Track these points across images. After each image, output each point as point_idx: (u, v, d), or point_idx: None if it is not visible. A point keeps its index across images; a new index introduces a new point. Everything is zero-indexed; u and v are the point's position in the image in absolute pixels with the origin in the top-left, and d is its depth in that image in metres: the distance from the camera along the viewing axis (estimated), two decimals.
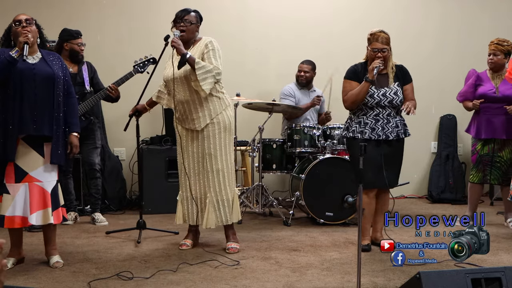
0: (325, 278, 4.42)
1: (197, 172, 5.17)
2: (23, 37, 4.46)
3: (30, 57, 4.57)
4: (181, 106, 5.12)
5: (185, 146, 5.20)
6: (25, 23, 4.56)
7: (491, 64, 6.30)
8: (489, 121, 6.25)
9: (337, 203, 6.28)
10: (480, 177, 6.35)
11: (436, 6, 8.51)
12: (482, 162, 6.30)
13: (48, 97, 4.58)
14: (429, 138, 8.58)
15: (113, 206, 7.28)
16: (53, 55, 4.78)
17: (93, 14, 7.73)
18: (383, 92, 5.16)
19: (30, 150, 4.56)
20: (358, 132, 5.20)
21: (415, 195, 8.49)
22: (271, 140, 6.96)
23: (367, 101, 5.16)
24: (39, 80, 4.56)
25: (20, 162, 4.52)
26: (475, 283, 3.42)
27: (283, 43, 8.15)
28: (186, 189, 5.23)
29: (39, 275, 4.46)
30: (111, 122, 7.68)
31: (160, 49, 5.17)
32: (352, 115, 5.33)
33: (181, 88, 5.08)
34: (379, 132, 5.17)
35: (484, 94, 6.27)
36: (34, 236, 5.63)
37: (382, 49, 5.14)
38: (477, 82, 6.36)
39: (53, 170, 4.66)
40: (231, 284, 4.25)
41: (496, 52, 6.24)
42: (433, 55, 8.44)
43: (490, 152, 6.26)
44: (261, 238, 5.74)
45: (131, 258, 4.97)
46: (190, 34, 5.09)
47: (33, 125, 4.52)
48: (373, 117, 5.20)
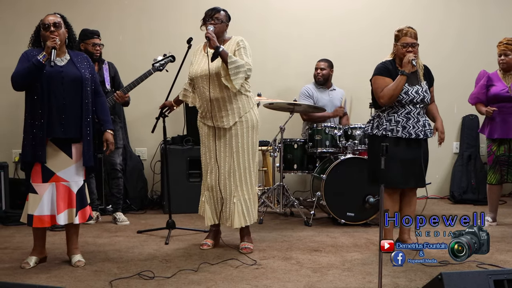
0: (346, 278, 4.40)
1: (223, 171, 5.14)
2: (51, 42, 4.44)
3: (58, 59, 4.56)
4: (209, 104, 5.08)
5: (211, 145, 5.17)
6: (53, 27, 4.54)
7: (503, 64, 6.27)
8: (504, 120, 6.21)
9: (358, 203, 6.26)
10: (498, 178, 6.31)
11: (457, 5, 8.46)
12: (499, 162, 6.26)
13: (77, 99, 4.59)
14: (451, 138, 8.52)
15: (135, 206, 7.31)
16: (81, 56, 4.78)
17: (115, 14, 7.76)
18: (416, 89, 5.11)
19: (58, 151, 4.59)
20: (389, 130, 5.12)
21: (437, 196, 8.43)
22: (292, 140, 6.95)
23: (401, 98, 5.09)
24: (67, 83, 4.56)
25: (48, 162, 4.56)
26: (498, 284, 3.39)
27: (303, 42, 8.13)
28: (216, 188, 5.17)
29: (61, 274, 4.49)
30: (133, 122, 7.71)
31: (180, 49, 5.18)
32: (381, 113, 5.23)
33: (210, 85, 5.05)
34: (411, 131, 5.10)
35: (497, 94, 6.23)
36: (56, 235, 5.67)
37: (412, 43, 5.12)
38: (488, 83, 6.34)
39: (80, 170, 4.69)
40: (252, 284, 4.25)
41: (507, 52, 6.22)
42: (454, 54, 8.38)
43: (506, 152, 6.22)
44: (282, 238, 5.73)
45: (152, 258, 4.99)
46: (220, 32, 5.08)
47: (61, 128, 4.54)
48: (405, 115, 5.13)
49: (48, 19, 4.58)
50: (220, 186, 5.14)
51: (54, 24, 4.55)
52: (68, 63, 4.64)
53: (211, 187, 5.22)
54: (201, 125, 5.28)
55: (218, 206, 5.22)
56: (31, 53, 4.56)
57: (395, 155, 4.95)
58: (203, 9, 5.16)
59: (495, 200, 6.41)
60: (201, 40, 5.13)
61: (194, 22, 7.46)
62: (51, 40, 4.45)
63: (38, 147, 4.51)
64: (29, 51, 4.63)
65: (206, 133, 5.22)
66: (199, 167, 6.90)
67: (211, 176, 5.20)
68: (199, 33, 5.20)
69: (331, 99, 7.48)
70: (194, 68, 5.16)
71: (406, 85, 5.09)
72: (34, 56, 4.48)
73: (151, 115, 6.31)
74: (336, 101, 7.49)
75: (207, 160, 5.25)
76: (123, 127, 7.27)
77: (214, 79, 5.02)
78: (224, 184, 5.14)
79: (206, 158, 5.25)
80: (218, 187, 5.15)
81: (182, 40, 5.67)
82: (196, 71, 5.12)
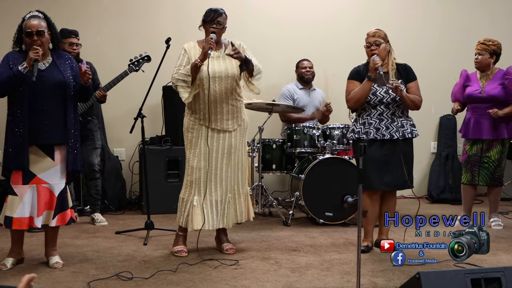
0: (324, 278, 4.42)
1: (220, 173, 5.06)
2: (33, 54, 4.35)
3: (40, 63, 4.47)
4: (216, 106, 5.01)
5: (208, 147, 5.02)
6: (37, 36, 4.45)
7: (476, 64, 6.34)
8: (477, 121, 6.26)
9: (337, 203, 6.27)
10: (469, 178, 6.33)
11: (435, 7, 8.51)
12: (471, 162, 6.30)
13: (60, 103, 4.54)
14: (429, 138, 8.58)
15: (113, 206, 7.26)
16: (63, 57, 4.70)
17: (93, 14, 7.72)
18: (386, 89, 5.13)
19: (40, 153, 4.54)
20: (363, 133, 5.17)
21: (415, 195, 8.45)
22: (271, 140, 6.97)
23: (370, 99, 5.13)
24: (49, 88, 4.49)
25: (30, 164, 4.50)
26: (475, 283, 3.41)
27: (283, 43, 8.14)
28: (211, 190, 5.03)
29: (38, 276, 4.43)
30: (111, 122, 7.68)
31: (159, 49, 5.16)
32: (357, 116, 5.30)
33: (217, 88, 5.00)
34: (384, 132, 5.13)
35: (471, 94, 6.29)
36: (34, 236, 5.63)
37: (374, 42, 5.15)
38: (465, 82, 6.40)
39: (62, 173, 4.63)
40: (230, 284, 4.25)
41: (482, 51, 6.27)
42: (432, 56, 8.42)
43: (478, 152, 6.27)
44: (261, 239, 5.74)
45: (130, 259, 4.97)
46: (220, 36, 5.08)
47: (44, 134, 4.49)
48: (377, 117, 5.16)
49: (31, 25, 4.47)
50: (218, 190, 5.06)
51: (38, 32, 4.46)
52: (51, 66, 4.57)
53: (205, 189, 5.02)
54: (196, 127, 5.07)
55: (213, 209, 5.06)
56: (13, 56, 4.49)
57: (371, 156, 4.97)
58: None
59: (469, 200, 6.43)
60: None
61: (172, 22, 7.48)
62: (33, 52, 4.36)
63: (20, 156, 4.45)
64: (10, 54, 4.56)
65: (204, 135, 5.03)
66: (177, 167, 6.91)
67: (205, 177, 5.02)
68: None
69: (311, 100, 7.52)
70: (204, 69, 4.94)
71: (375, 86, 5.13)
72: (15, 61, 4.42)
73: (129, 115, 6.30)
74: (316, 102, 7.53)
75: (201, 162, 5.03)
76: (101, 128, 7.23)
77: (222, 81, 5.00)
78: (221, 187, 5.07)
79: (200, 160, 5.04)
80: (216, 188, 5.06)
81: (161, 40, 5.66)
82: (205, 73, 4.93)
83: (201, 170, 5.04)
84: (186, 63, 4.98)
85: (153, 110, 6.19)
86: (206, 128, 5.04)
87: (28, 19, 4.52)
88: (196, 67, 4.87)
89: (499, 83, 6.23)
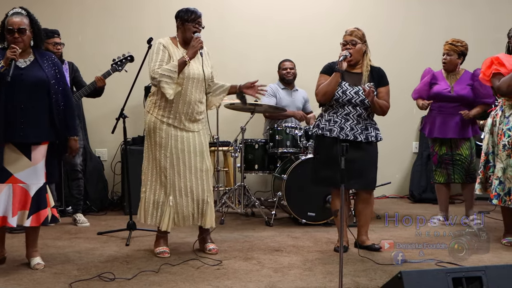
0: (307, 278, 4.42)
1: (194, 173, 5.05)
2: (10, 53, 4.30)
3: (21, 60, 4.44)
4: (189, 107, 5.01)
5: (178, 148, 5.00)
6: (18, 34, 4.40)
7: (444, 64, 6.38)
8: (444, 120, 6.31)
9: (319, 203, 6.27)
10: (445, 177, 6.40)
11: (418, 8, 8.59)
12: (444, 162, 6.35)
13: (39, 102, 4.47)
14: (411, 139, 8.63)
15: (95, 207, 7.24)
16: (47, 56, 4.64)
17: (75, 14, 7.70)
18: (356, 90, 5.11)
19: (17, 152, 4.47)
20: (327, 130, 5.14)
21: (397, 195, 8.53)
22: (253, 140, 6.97)
23: (339, 96, 5.10)
24: (28, 86, 4.43)
25: (6, 163, 4.45)
26: (456, 282, 3.45)
27: (264, 42, 8.16)
28: (186, 191, 5.01)
29: (20, 277, 4.43)
30: (93, 123, 7.65)
31: (141, 49, 5.14)
32: (323, 112, 5.28)
33: (193, 89, 5.02)
34: (348, 132, 5.10)
35: (439, 92, 6.33)
36: (15, 237, 5.59)
37: (351, 41, 5.16)
38: (432, 80, 6.43)
39: (40, 172, 4.57)
40: (213, 285, 4.24)
41: (450, 52, 6.33)
42: (415, 57, 8.39)
43: (448, 151, 6.31)
44: (243, 239, 5.74)
45: (113, 259, 4.95)
46: None
47: (19, 132, 4.42)
48: (343, 116, 5.13)
49: (13, 22, 4.41)
50: (193, 189, 5.03)
51: (19, 30, 4.41)
52: (32, 65, 4.51)
53: (179, 190, 5.01)
54: (165, 128, 5.01)
55: (186, 210, 5.03)
56: None
57: (332, 155, 4.98)
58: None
59: (445, 199, 6.49)
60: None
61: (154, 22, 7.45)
62: (11, 51, 4.31)
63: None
64: None
65: (173, 136, 5.00)
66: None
67: (180, 179, 5.00)
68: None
69: (293, 100, 7.54)
70: (186, 70, 4.94)
71: (346, 84, 5.12)
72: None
73: (111, 115, 6.27)
74: (298, 102, 7.56)
75: (173, 163, 5.00)
76: (83, 128, 7.21)
77: (198, 83, 5.02)
78: (196, 185, 5.04)
79: (172, 161, 5.01)
80: (191, 188, 5.03)
81: (143, 40, 5.65)
82: (188, 73, 4.96)
83: (174, 170, 5.01)
84: (167, 60, 4.95)
85: (135, 110, 6.17)
86: (175, 128, 5.01)
87: (10, 16, 4.47)
88: (184, 64, 4.88)
89: (467, 83, 6.29)
